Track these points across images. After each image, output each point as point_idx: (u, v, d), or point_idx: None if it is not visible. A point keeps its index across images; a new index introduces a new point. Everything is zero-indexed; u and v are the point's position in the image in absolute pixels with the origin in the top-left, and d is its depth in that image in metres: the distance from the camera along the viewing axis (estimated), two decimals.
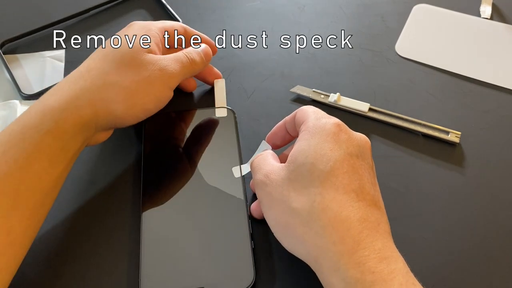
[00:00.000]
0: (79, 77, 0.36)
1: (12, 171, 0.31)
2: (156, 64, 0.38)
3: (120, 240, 0.37)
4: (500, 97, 0.47)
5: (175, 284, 0.33)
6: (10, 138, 0.31)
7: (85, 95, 0.35)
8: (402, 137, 0.44)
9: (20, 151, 0.31)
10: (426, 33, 0.54)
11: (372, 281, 0.27)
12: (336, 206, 0.29)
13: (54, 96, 0.34)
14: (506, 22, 0.55)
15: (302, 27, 0.55)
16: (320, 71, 0.50)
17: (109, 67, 0.36)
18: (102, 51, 0.38)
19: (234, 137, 0.42)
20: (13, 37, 0.52)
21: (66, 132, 0.33)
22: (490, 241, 0.37)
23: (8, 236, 0.30)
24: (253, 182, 0.35)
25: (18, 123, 0.33)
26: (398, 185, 0.41)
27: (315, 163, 0.30)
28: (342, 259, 0.27)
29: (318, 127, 0.32)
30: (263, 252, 0.36)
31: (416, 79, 0.49)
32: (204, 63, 0.42)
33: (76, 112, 0.34)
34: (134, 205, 0.39)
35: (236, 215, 0.37)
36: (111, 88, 0.36)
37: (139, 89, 0.37)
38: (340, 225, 0.28)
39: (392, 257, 0.28)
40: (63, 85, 0.36)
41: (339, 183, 0.29)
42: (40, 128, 0.32)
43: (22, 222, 0.31)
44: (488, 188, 0.41)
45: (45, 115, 0.33)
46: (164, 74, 0.38)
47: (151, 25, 0.41)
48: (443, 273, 0.36)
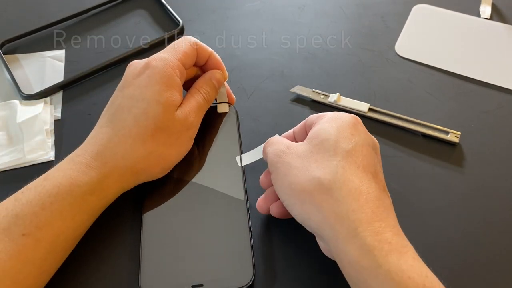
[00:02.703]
0: (118, 143, 0.36)
1: (56, 220, 0.33)
2: (185, 124, 0.37)
3: (120, 237, 0.37)
4: (500, 97, 0.47)
5: (175, 280, 0.34)
6: (58, 191, 0.33)
7: (127, 165, 0.36)
8: (402, 137, 0.44)
9: (66, 205, 0.33)
10: (426, 33, 0.54)
11: (388, 250, 0.28)
12: (357, 180, 0.31)
13: (97, 162, 0.35)
14: (506, 22, 0.55)
15: (302, 27, 0.55)
16: (320, 71, 0.50)
17: (145, 134, 0.36)
18: (133, 112, 0.36)
19: (236, 135, 0.42)
20: (13, 37, 0.52)
21: (110, 195, 0.36)
22: (490, 241, 0.37)
23: (39, 280, 0.33)
24: (270, 152, 0.35)
25: (65, 177, 0.34)
26: (398, 185, 0.41)
27: (338, 141, 0.32)
28: (361, 226, 0.29)
29: (337, 116, 0.35)
30: (262, 250, 0.36)
31: (415, 79, 0.49)
32: (216, 93, 0.42)
33: (119, 179, 0.36)
34: (135, 203, 0.39)
35: (236, 213, 0.37)
36: (151, 157, 0.36)
37: (173, 152, 0.38)
38: (360, 196, 0.30)
39: (403, 235, 0.30)
40: (105, 150, 0.35)
41: (359, 162, 0.31)
42: (86, 189, 0.34)
43: (52, 266, 0.34)
44: (488, 188, 0.41)
45: (91, 178, 0.34)
46: (192, 131, 0.38)
47: (169, 69, 0.37)
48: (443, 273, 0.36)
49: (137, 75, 0.37)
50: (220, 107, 0.44)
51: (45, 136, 0.44)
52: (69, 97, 0.48)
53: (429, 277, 0.28)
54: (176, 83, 0.37)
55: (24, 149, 0.43)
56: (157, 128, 0.36)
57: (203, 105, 0.40)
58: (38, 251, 0.32)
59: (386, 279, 0.27)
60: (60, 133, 0.45)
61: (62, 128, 0.45)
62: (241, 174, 0.39)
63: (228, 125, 0.42)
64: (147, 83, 0.36)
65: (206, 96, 0.40)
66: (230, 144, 0.41)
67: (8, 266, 0.31)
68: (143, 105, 0.36)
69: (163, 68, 0.37)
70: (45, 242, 0.32)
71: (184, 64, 0.39)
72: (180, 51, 0.39)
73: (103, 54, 0.51)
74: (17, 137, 0.44)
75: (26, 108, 0.46)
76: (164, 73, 0.37)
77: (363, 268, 0.28)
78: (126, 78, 0.38)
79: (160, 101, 0.36)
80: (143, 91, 0.36)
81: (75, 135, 0.45)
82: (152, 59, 0.38)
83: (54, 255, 0.33)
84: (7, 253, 0.31)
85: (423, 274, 0.28)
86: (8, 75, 0.49)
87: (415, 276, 0.27)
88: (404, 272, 0.27)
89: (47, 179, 0.34)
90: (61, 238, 0.33)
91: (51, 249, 0.33)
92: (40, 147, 0.43)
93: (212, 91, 0.41)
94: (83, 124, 0.45)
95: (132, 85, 0.37)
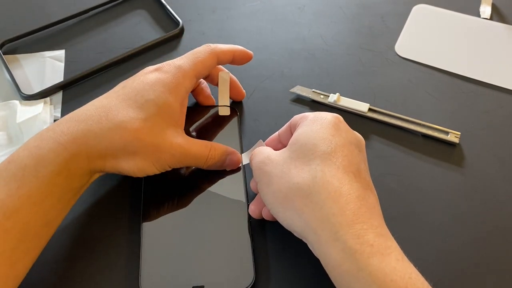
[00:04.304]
0: (96, 122, 0.34)
1: (24, 207, 0.31)
2: (170, 150, 0.35)
3: (120, 240, 0.37)
4: (500, 97, 0.47)
5: (175, 282, 0.33)
6: (24, 174, 0.32)
7: (96, 147, 0.34)
8: (402, 137, 0.44)
9: (34, 188, 0.32)
10: (426, 33, 0.54)
11: (370, 253, 0.27)
12: (336, 182, 0.30)
13: (66, 136, 0.34)
14: (506, 22, 0.55)
15: (302, 27, 0.55)
16: (320, 71, 0.50)
17: (129, 124, 0.34)
18: (124, 98, 0.35)
19: (237, 137, 0.42)
20: (13, 37, 0.52)
21: (77, 176, 0.34)
22: (490, 241, 0.37)
23: (12, 269, 0.31)
24: (254, 165, 0.36)
25: (31, 156, 0.32)
26: (398, 185, 0.41)
27: (317, 144, 0.32)
28: (341, 230, 0.28)
29: (318, 117, 0.34)
30: (263, 253, 0.36)
31: (415, 80, 0.49)
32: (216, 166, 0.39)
33: (87, 161, 0.34)
34: (135, 204, 0.39)
35: (237, 215, 0.37)
36: (125, 152, 0.34)
37: (146, 165, 0.35)
38: (340, 199, 0.29)
39: (387, 236, 0.29)
40: (73, 124, 0.34)
41: (339, 163, 0.31)
42: (52, 169, 0.32)
43: (27, 255, 0.32)
44: (488, 188, 0.41)
45: (57, 156, 0.33)
46: (163, 157, 0.36)
47: (180, 78, 0.36)
48: (443, 273, 0.36)
49: (146, 74, 0.37)
50: (222, 110, 0.44)
51: None
52: (69, 97, 0.48)
53: (413, 278, 0.27)
54: (180, 94, 0.37)
55: None
56: (141, 129, 0.34)
57: (199, 160, 0.37)
58: (7, 241, 0.30)
59: (367, 282, 0.27)
60: None
61: None
62: (242, 176, 0.39)
63: (229, 128, 0.42)
64: (153, 83, 0.36)
65: (209, 158, 0.37)
66: (231, 146, 0.41)
67: None
68: (140, 100, 0.35)
69: (174, 74, 0.37)
70: (14, 231, 0.31)
71: (198, 75, 0.39)
72: (198, 61, 0.38)
73: (103, 54, 0.51)
74: (17, 137, 0.44)
75: (26, 108, 0.46)
76: (173, 79, 0.36)
77: (346, 271, 0.28)
78: (135, 76, 0.38)
79: (158, 104, 0.35)
80: (145, 88, 0.36)
81: None
82: (166, 64, 0.38)
83: (27, 244, 0.32)
84: None
85: (406, 276, 0.27)
86: (8, 75, 0.49)
87: (397, 278, 0.27)
88: (387, 275, 0.27)
89: (12, 161, 0.32)
90: (30, 224, 0.31)
91: (22, 238, 0.31)
92: None
93: (215, 163, 0.38)
94: None
95: (136, 81, 0.37)
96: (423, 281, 0.28)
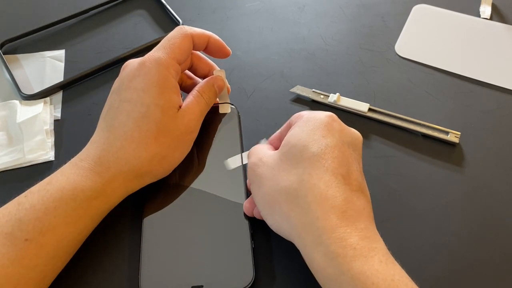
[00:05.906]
0: (121, 148, 0.35)
1: (60, 225, 0.32)
2: (188, 127, 0.37)
3: (120, 239, 0.37)
4: (500, 97, 0.47)
5: (175, 282, 0.33)
6: (62, 196, 0.33)
7: (131, 169, 0.35)
8: (402, 137, 0.44)
9: (70, 210, 0.33)
10: (426, 33, 0.54)
11: (353, 256, 0.27)
12: (323, 185, 0.30)
13: (101, 167, 0.35)
14: (506, 22, 0.55)
15: (302, 27, 0.55)
16: (320, 71, 0.50)
17: (148, 138, 0.35)
18: (133, 116, 0.35)
19: (237, 136, 0.42)
20: (13, 37, 0.52)
21: (114, 199, 0.36)
22: (490, 241, 0.37)
23: (41, 284, 0.33)
24: (248, 166, 0.36)
25: (68, 181, 0.34)
26: (398, 185, 0.41)
27: (307, 146, 0.32)
28: (324, 234, 0.28)
29: (311, 117, 0.34)
30: (263, 252, 0.36)
31: (415, 79, 0.49)
32: (216, 99, 0.42)
33: (124, 183, 0.35)
34: (135, 205, 0.39)
35: (236, 215, 0.37)
36: (154, 160, 0.36)
37: (176, 154, 0.37)
38: (325, 202, 0.29)
39: (373, 238, 0.29)
40: (107, 155, 0.35)
41: (328, 165, 0.31)
42: (90, 194, 0.34)
43: (53, 272, 0.34)
44: (488, 188, 0.41)
45: (95, 183, 0.34)
46: (194, 134, 0.38)
47: (164, 71, 0.36)
48: (442, 273, 0.36)
49: (133, 77, 0.36)
50: (222, 107, 0.43)
51: (45, 136, 0.44)
52: (69, 97, 0.48)
53: (396, 280, 0.27)
54: (172, 84, 0.37)
55: (24, 149, 0.43)
56: (159, 131, 0.35)
57: (204, 110, 0.40)
58: (40, 256, 0.32)
59: (350, 286, 0.27)
60: (60, 133, 0.45)
61: (62, 128, 0.45)
62: (242, 176, 0.39)
63: (230, 126, 0.42)
64: (144, 86, 0.36)
65: (208, 101, 0.40)
66: (232, 145, 0.41)
67: (10, 271, 0.30)
68: (143, 109, 0.35)
69: (158, 70, 0.36)
70: (48, 247, 0.32)
71: (179, 60, 0.38)
72: (175, 47, 0.38)
73: (103, 54, 0.51)
74: (17, 137, 0.44)
75: (26, 108, 0.46)
76: (160, 75, 0.36)
77: (329, 275, 0.28)
78: (122, 80, 0.37)
79: (159, 104, 0.35)
80: (141, 95, 0.36)
81: (75, 135, 0.45)
82: (147, 59, 0.37)
83: (57, 260, 0.33)
84: (10, 258, 0.31)
85: (388, 278, 0.27)
86: (8, 75, 0.49)
87: (379, 281, 0.27)
88: (368, 278, 0.27)
89: (51, 183, 0.34)
90: (64, 243, 0.33)
91: (54, 255, 0.32)
92: (40, 147, 0.43)
93: (213, 97, 0.41)
94: (83, 124, 0.45)
95: (129, 88, 0.36)
96: (407, 282, 0.27)
